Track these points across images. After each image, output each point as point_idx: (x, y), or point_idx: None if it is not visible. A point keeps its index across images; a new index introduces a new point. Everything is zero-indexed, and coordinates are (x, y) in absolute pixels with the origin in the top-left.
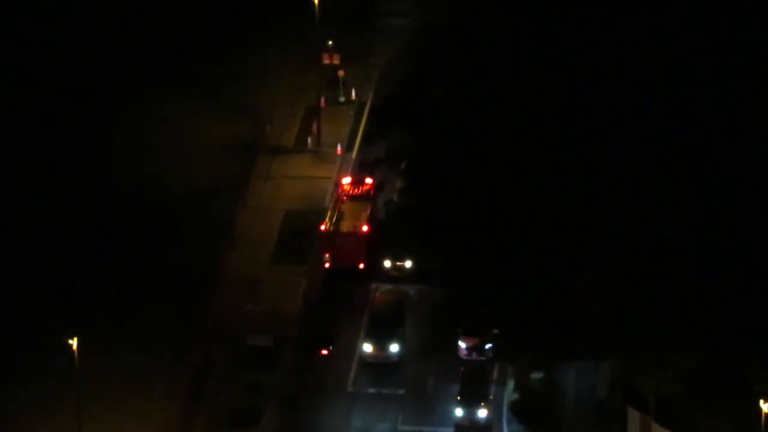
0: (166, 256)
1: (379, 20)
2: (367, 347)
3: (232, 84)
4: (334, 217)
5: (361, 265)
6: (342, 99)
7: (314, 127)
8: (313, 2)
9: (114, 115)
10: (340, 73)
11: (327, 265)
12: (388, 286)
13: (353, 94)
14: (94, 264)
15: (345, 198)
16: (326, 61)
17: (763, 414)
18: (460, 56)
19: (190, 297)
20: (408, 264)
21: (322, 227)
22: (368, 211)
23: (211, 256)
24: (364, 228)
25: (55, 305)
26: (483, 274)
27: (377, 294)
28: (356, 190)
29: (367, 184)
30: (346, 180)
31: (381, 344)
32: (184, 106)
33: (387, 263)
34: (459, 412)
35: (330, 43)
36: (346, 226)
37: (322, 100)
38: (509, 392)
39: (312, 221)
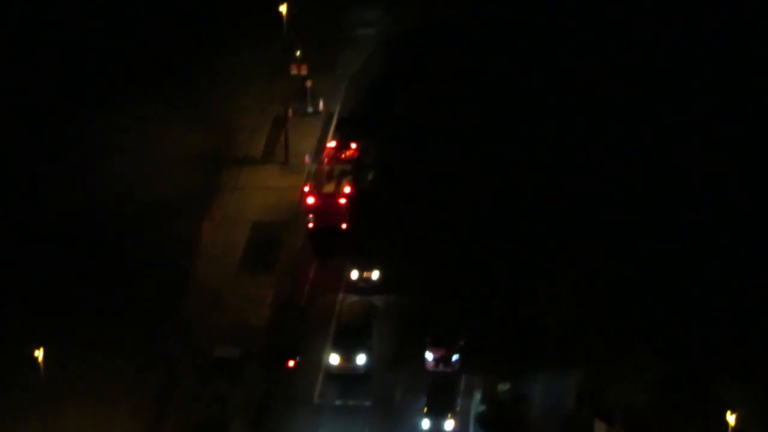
0: (133, 265)
1: (347, 31)
2: (334, 359)
3: (201, 94)
4: (319, 179)
5: (344, 226)
6: (310, 110)
7: (282, 137)
8: (281, 13)
9: (81, 123)
10: (308, 83)
11: (311, 225)
12: (355, 297)
13: (321, 104)
14: (59, 274)
15: (330, 161)
16: (294, 72)
17: (730, 426)
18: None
19: (157, 308)
20: (375, 275)
21: (306, 188)
22: (352, 175)
23: (178, 266)
24: (347, 190)
25: (18, 316)
26: (453, 282)
27: (344, 305)
28: (341, 154)
29: (351, 149)
30: (332, 144)
31: (348, 355)
32: (152, 115)
33: (354, 274)
34: (426, 423)
35: (298, 53)
36: (329, 188)
37: (290, 110)
38: (476, 403)
39: (280, 232)
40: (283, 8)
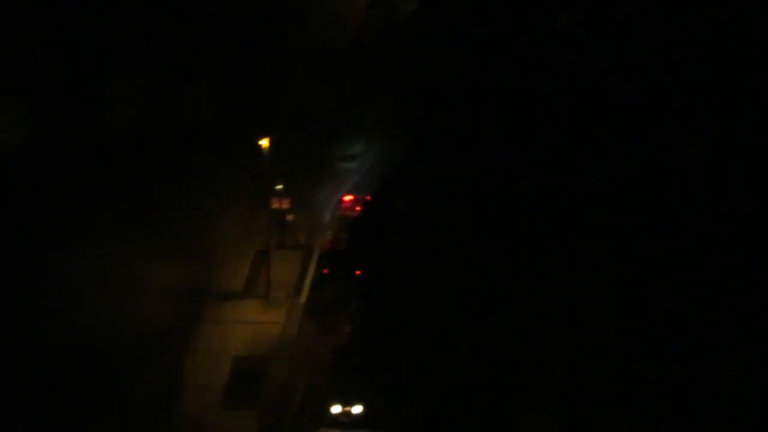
0: (112, 399)
1: (330, 164)
2: None
3: (182, 227)
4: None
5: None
6: (291, 243)
7: (263, 271)
8: (262, 147)
9: (62, 256)
10: (289, 217)
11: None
12: None
13: (302, 238)
14: (37, 408)
15: (345, 212)
16: (275, 206)
17: None
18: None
19: None
20: (358, 409)
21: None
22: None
23: (159, 401)
24: None
25: None
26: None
27: None
28: (357, 206)
29: (367, 201)
30: (348, 197)
31: None
32: (131, 248)
33: (336, 409)
34: None
35: (279, 187)
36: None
37: (272, 244)
38: None
39: (262, 366)
40: (264, 142)
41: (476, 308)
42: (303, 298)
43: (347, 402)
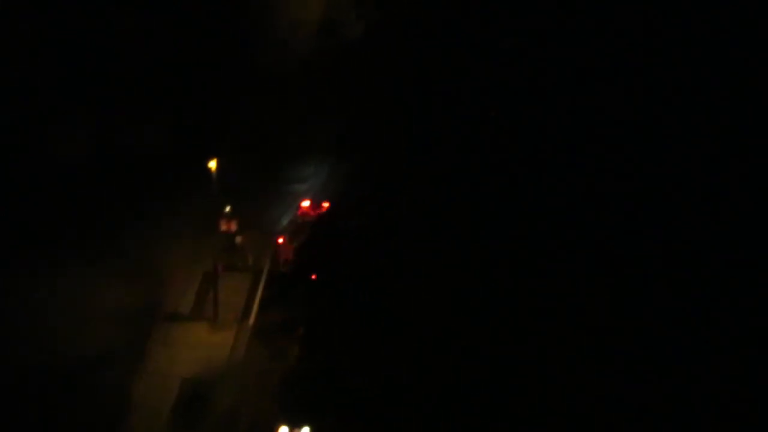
0: (58, 420)
1: (279, 186)
2: None
3: (130, 248)
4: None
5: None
6: (239, 265)
7: (212, 293)
8: (210, 169)
9: (11, 274)
10: (238, 239)
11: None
12: None
13: (250, 260)
14: None
15: (304, 217)
16: (224, 228)
17: None
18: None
19: None
20: None
21: (280, 240)
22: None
23: (107, 423)
24: None
25: None
26: None
27: None
28: (314, 212)
29: (324, 207)
30: (306, 203)
31: None
32: (80, 269)
33: (283, 431)
34: None
35: (228, 209)
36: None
37: (220, 266)
38: None
39: (210, 389)
40: (212, 164)
41: (431, 324)
42: (251, 321)
43: (295, 424)
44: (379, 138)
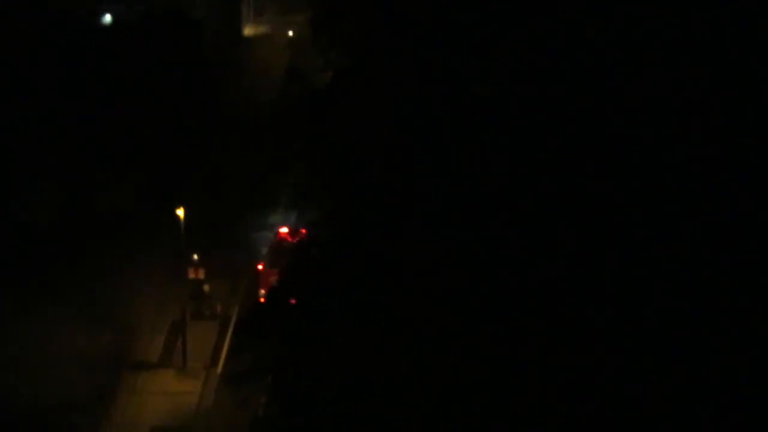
0: None
1: (245, 233)
2: None
3: (96, 295)
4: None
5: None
6: (207, 313)
7: (180, 341)
8: (178, 216)
9: None
10: (206, 287)
11: (262, 300)
12: None
13: (218, 308)
14: None
15: (282, 243)
16: (191, 276)
17: None
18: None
19: None
20: None
21: (260, 266)
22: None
23: None
24: None
25: None
26: None
27: None
28: (292, 239)
29: (302, 234)
30: (284, 230)
31: None
32: (47, 317)
33: None
34: None
35: (195, 257)
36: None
37: (187, 314)
38: None
39: None
40: (180, 212)
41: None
42: (219, 368)
43: None
44: (345, 184)
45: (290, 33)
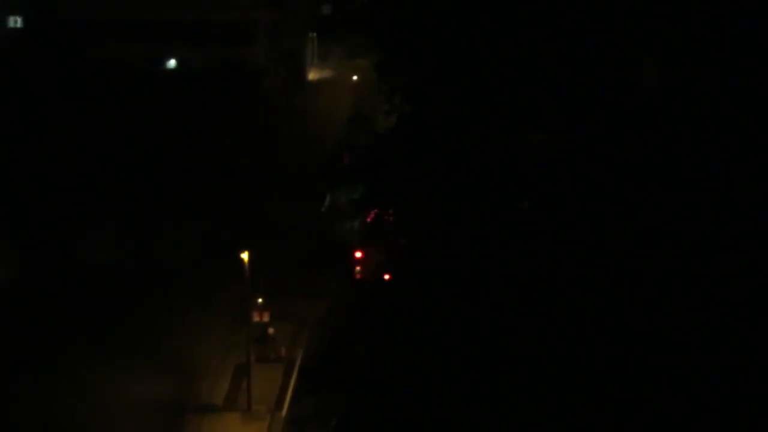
0: None
1: (307, 279)
2: None
3: (162, 341)
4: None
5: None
6: (272, 356)
7: (244, 385)
8: (243, 260)
9: (38, 370)
10: (270, 330)
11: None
12: None
13: (283, 351)
14: None
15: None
16: (256, 319)
17: None
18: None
19: None
20: None
21: (358, 254)
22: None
23: None
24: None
25: None
26: None
27: None
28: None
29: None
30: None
31: None
32: (113, 363)
33: None
34: None
35: (260, 300)
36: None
37: (252, 357)
38: None
39: None
40: (245, 255)
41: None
42: (284, 411)
43: None
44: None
45: (354, 77)
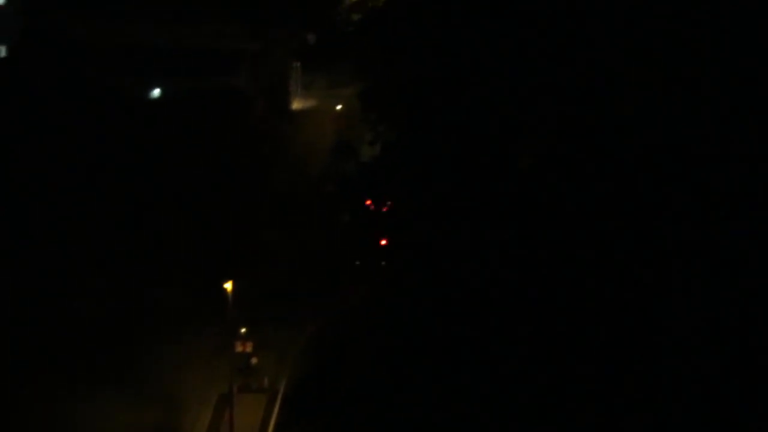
0: None
1: (291, 308)
2: None
3: (144, 371)
4: None
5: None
6: (254, 386)
7: (227, 415)
8: (226, 290)
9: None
10: (253, 360)
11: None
12: None
13: (266, 381)
14: None
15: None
16: (239, 349)
17: None
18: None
19: None
20: None
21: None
22: None
23: None
24: None
25: None
26: None
27: None
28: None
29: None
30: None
31: None
32: (96, 393)
33: None
34: None
35: (243, 330)
36: None
37: (235, 388)
38: None
39: None
40: (228, 285)
41: None
42: None
43: None
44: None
45: (338, 107)
